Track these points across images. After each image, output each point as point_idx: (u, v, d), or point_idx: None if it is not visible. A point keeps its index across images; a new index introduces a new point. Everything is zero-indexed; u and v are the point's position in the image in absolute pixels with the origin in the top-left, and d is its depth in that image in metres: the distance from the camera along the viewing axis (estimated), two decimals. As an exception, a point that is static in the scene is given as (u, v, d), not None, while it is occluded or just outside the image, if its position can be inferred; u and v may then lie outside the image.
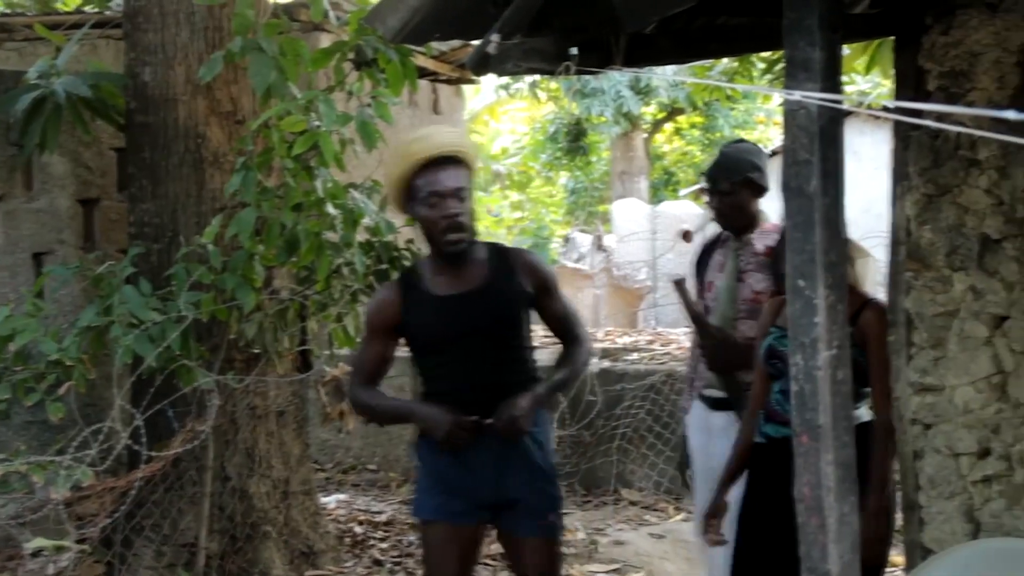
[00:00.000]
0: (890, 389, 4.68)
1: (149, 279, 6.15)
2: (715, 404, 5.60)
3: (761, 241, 5.48)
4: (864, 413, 5.00)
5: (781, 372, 4.76)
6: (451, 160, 4.61)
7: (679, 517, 8.62)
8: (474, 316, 4.65)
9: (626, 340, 13.02)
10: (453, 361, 4.71)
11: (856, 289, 4.82)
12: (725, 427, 5.46)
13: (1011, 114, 1.84)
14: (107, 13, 9.06)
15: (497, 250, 4.84)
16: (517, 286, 4.73)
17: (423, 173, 4.59)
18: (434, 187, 4.55)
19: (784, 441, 4.41)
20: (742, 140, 5.97)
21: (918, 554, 4.82)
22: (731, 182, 5.45)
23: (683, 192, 27.83)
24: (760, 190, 5.53)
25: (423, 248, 5.26)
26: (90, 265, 6.49)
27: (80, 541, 6.15)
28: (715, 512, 5.07)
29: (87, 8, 10.80)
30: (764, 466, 4.95)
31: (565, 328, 4.93)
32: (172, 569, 6.49)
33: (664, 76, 20.73)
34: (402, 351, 4.92)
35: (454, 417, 4.56)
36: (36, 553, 6.39)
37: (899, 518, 5.21)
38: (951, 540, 4.70)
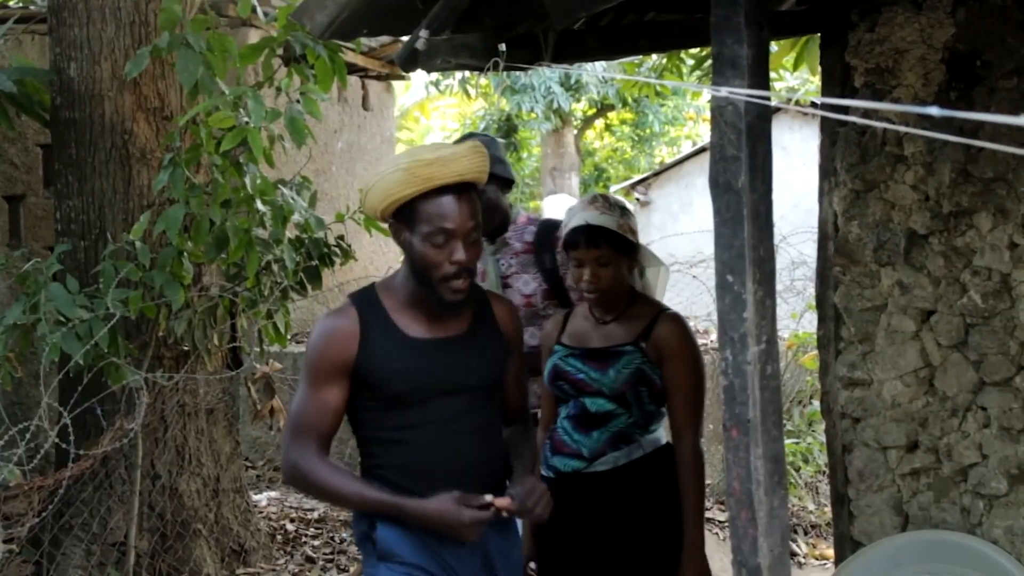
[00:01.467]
0: (698, 411, 4.44)
1: (76, 276, 6.10)
2: None
3: (518, 238, 5.17)
4: (661, 435, 4.48)
5: (568, 395, 4.44)
6: (470, 188, 3.64)
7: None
8: (460, 368, 3.71)
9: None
10: (430, 424, 3.67)
11: (648, 299, 4.57)
12: None
13: (935, 110, 1.86)
14: (32, 8, 8.96)
15: (476, 291, 3.82)
16: (499, 338, 3.86)
17: (433, 198, 3.57)
18: (445, 223, 3.56)
19: (574, 477, 4.40)
20: (473, 133, 5.38)
21: (847, 547, 4.86)
22: (498, 180, 4.96)
23: (614, 188, 27.85)
24: (507, 184, 5.12)
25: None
26: (16, 262, 6.44)
27: (8, 541, 6.09)
28: (531, 556, 4.56)
29: (11, 3, 10.68)
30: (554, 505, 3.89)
31: (518, 399, 4.03)
32: (102, 568, 6.44)
33: (594, 72, 20.77)
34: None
35: (471, 508, 3.54)
36: None
37: (828, 511, 5.24)
38: (880, 533, 4.73)
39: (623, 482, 4.34)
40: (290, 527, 8.06)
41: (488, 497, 3.55)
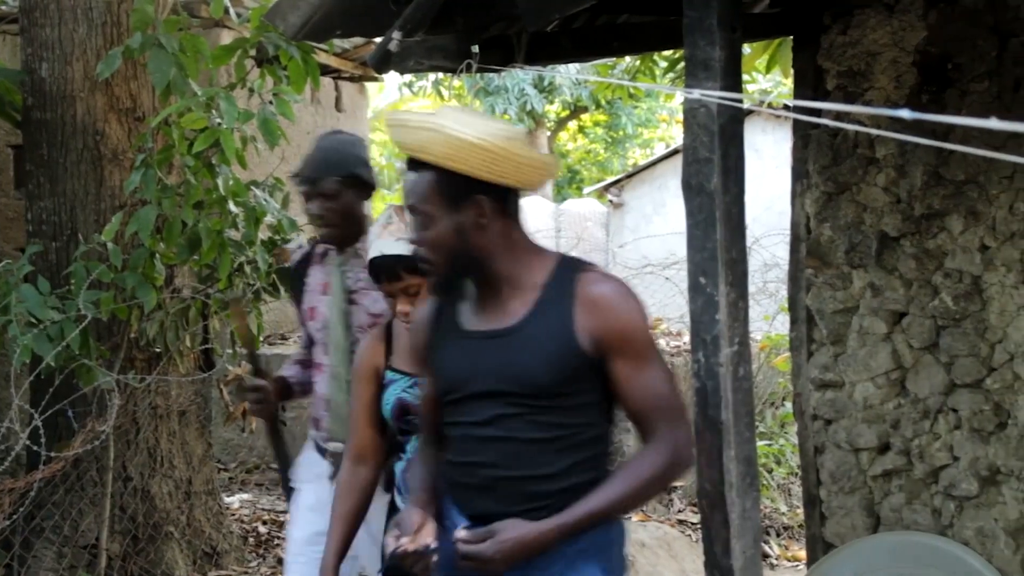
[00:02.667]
0: None
1: (47, 277, 6.07)
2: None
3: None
4: None
5: (416, 429, 3.80)
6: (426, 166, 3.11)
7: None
8: (494, 369, 3.14)
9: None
10: (462, 428, 3.26)
11: None
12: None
13: (906, 113, 1.86)
14: (3, 8, 8.93)
15: (561, 272, 3.17)
16: (566, 331, 3.08)
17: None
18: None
19: None
20: (340, 131, 4.82)
21: (819, 548, 4.87)
22: (337, 180, 4.45)
23: (587, 190, 27.89)
24: (369, 189, 4.57)
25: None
26: (-13, 264, 6.41)
27: (-22, 544, 6.07)
28: None
29: (-17, 3, 10.64)
30: None
31: (644, 415, 3.13)
32: (73, 571, 6.41)
33: (567, 74, 20.79)
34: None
35: (400, 545, 3.09)
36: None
37: (800, 513, 5.25)
38: (852, 534, 4.75)
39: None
40: (262, 529, 8.05)
41: (412, 542, 3.09)
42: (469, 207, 3.06)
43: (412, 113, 3.11)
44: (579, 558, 3.12)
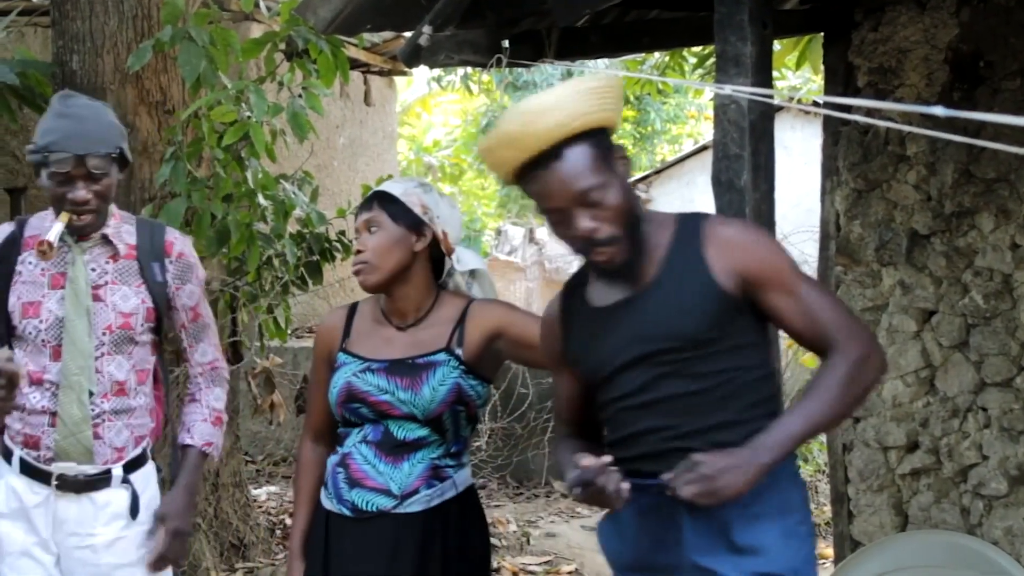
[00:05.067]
0: None
1: (77, 270, 6.07)
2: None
3: (124, 237, 3.86)
4: (469, 472, 3.73)
5: (366, 419, 3.58)
6: (570, 144, 2.86)
7: (610, 509, 8.65)
8: (635, 334, 2.99)
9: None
10: (616, 404, 3.07)
11: (458, 295, 3.72)
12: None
13: (939, 110, 1.85)
14: (35, 1, 8.96)
15: (684, 225, 3.02)
16: (702, 277, 2.94)
17: (530, 177, 2.92)
18: (547, 202, 2.91)
19: (379, 518, 3.54)
20: (73, 93, 3.98)
21: (847, 546, 4.86)
22: (105, 156, 3.67)
23: (615, 185, 27.87)
24: (127, 165, 3.83)
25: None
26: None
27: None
28: None
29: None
30: (343, 548, 3.60)
31: (817, 338, 2.96)
32: (100, 562, 6.42)
33: (596, 70, 20.80)
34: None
35: (581, 466, 2.84)
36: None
37: (828, 511, 5.24)
38: (879, 532, 4.74)
39: (433, 527, 3.53)
40: (289, 522, 8.06)
41: (606, 460, 2.85)
42: (617, 156, 2.93)
43: (523, 109, 2.87)
44: (756, 522, 2.94)
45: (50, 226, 3.69)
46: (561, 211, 2.89)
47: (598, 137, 2.86)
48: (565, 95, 2.82)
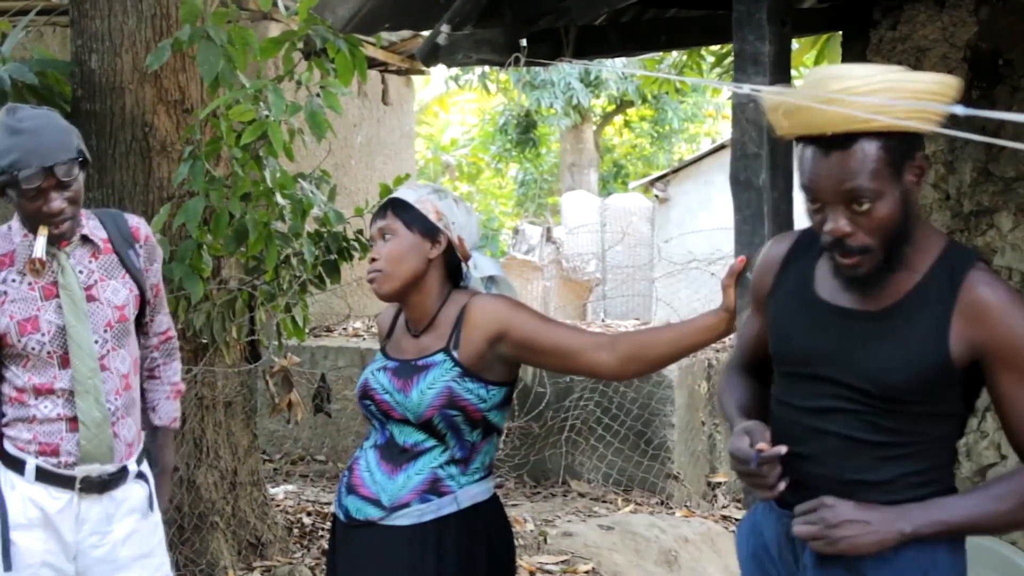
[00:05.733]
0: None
1: (96, 268, 6.08)
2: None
3: (96, 232, 3.86)
4: (487, 487, 3.61)
5: (376, 419, 3.57)
6: (863, 138, 2.60)
7: (628, 509, 8.65)
8: (844, 352, 2.76)
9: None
10: (789, 410, 2.89)
11: (464, 293, 3.61)
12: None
13: (960, 109, 1.85)
14: (53, 0, 8.98)
15: (947, 263, 2.72)
16: (938, 335, 2.67)
17: (808, 150, 2.69)
18: (811, 184, 2.68)
19: (365, 527, 3.50)
20: (19, 105, 3.83)
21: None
22: (69, 162, 3.61)
23: (632, 185, 27.86)
24: (88, 163, 3.75)
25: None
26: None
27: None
28: None
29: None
30: (340, 552, 3.63)
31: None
32: (118, 560, 6.44)
33: (614, 68, 20.78)
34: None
35: (756, 448, 2.76)
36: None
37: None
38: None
39: (423, 543, 3.44)
40: (307, 521, 8.07)
41: (781, 449, 2.73)
42: (910, 168, 2.64)
43: (837, 77, 2.58)
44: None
45: (28, 242, 3.70)
46: (822, 201, 2.65)
47: (898, 140, 2.58)
48: (892, 86, 2.53)
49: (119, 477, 3.80)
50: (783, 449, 2.71)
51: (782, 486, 2.73)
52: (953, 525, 2.65)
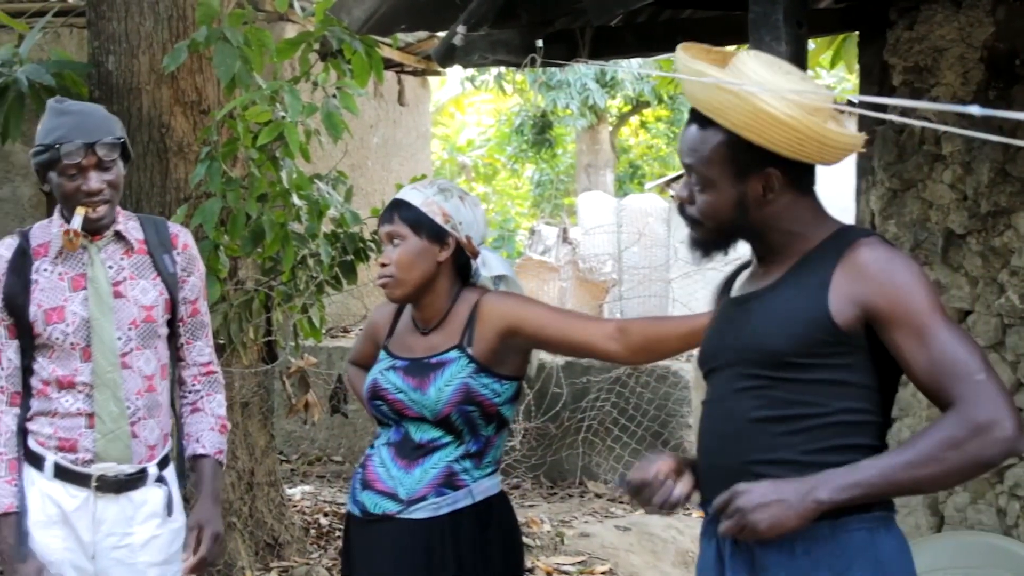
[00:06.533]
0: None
1: (113, 269, 6.10)
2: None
3: (133, 232, 3.86)
4: (496, 482, 3.65)
5: (389, 419, 3.61)
6: (711, 125, 2.76)
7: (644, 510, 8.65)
8: (735, 337, 2.84)
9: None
10: (707, 401, 2.94)
11: (474, 292, 3.64)
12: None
13: (975, 109, 1.85)
14: (70, 1, 9.00)
15: (837, 236, 2.78)
16: (816, 296, 2.68)
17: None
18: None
19: (382, 521, 3.56)
20: (65, 100, 3.93)
21: (881, 547, 4.84)
22: (113, 144, 3.69)
23: (648, 185, 27.85)
24: (130, 160, 3.84)
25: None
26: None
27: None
28: None
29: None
30: (356, 548, 3.69)
31: (941, 383, 2.59)
32: (135, 561, 6.45)
33: (630, 69, 20.78)
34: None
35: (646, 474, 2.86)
36: None
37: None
38: (915, 533, 4.72)
39: (441, 535, 3.50)
40: (324, 521, 8.09)
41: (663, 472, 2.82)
42: (757, 179, 2.72)
43: (709, 66, 2.70)
44: (811, 570, 2.65)
45: (58, 231, 3.73)
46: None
47: (748, 146, 2.67)
48: (761, 101, 2.59)
49: (137, 479, 3.79)
50: (668, 470, 2.83)
51: (676, 499, 2.81)
52: (869, 486, 2.55)
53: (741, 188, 2.72)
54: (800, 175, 2.76)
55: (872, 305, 2.61)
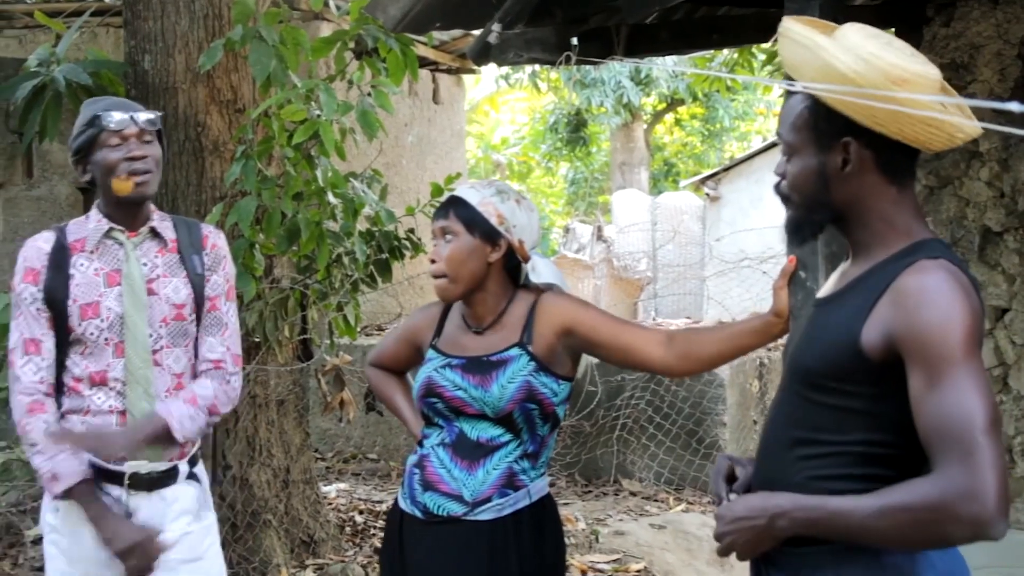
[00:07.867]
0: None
1: (149, 268, 6.13)
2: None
3: (167, 231, 3.92)
4: (546, 481, 3.68)
5: (442, 416, 3.61)
6: (805, 98, 2.74)
7: (679, 508, 8.64)
8: (794, 341, 2.87)
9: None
10: (772, 401, 2.90)
11: (528, 293, 3.66)
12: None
13: (1014, 106, 1.84)
14: (107, 1, 9.04)
15: (905, 252, 2.59)
16: (855, 319, 2.55)
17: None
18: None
19: (447, 523, 3.54)
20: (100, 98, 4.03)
21: (918, 545, 4.82)
22: (152, 120, 3.81)
23: (683, 183, 27.81)
24: (164, 151, 3.90)
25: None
26: (90, 254, 6.48)
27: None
28: None
29: (88, -4, 10.80)
30: (415, 550, 3.62)
31: (926, 443, 2.39)
32: (172, 558, 6.47)
33: (664, 67, 20.74)
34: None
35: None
36: (37, 541, 6.38)
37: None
38: (951, 532, 4.69)
39: (504, 536, 3.51)
40: (359, 519, 8.10)
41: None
42: (836, 149, 2.62)
43: (804, 22, 2.70)
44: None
45: (100, 227, 3.80)
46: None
47: (827, 112, 2.61)
48: (830, 55, 2.57)
49: (169, 476, 3.81)
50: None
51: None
52: (823, 511, 2.46)
53: (822, 158, 2.63)
54: (888, 158, 2.62)
55: (898, 336, 2.44)
